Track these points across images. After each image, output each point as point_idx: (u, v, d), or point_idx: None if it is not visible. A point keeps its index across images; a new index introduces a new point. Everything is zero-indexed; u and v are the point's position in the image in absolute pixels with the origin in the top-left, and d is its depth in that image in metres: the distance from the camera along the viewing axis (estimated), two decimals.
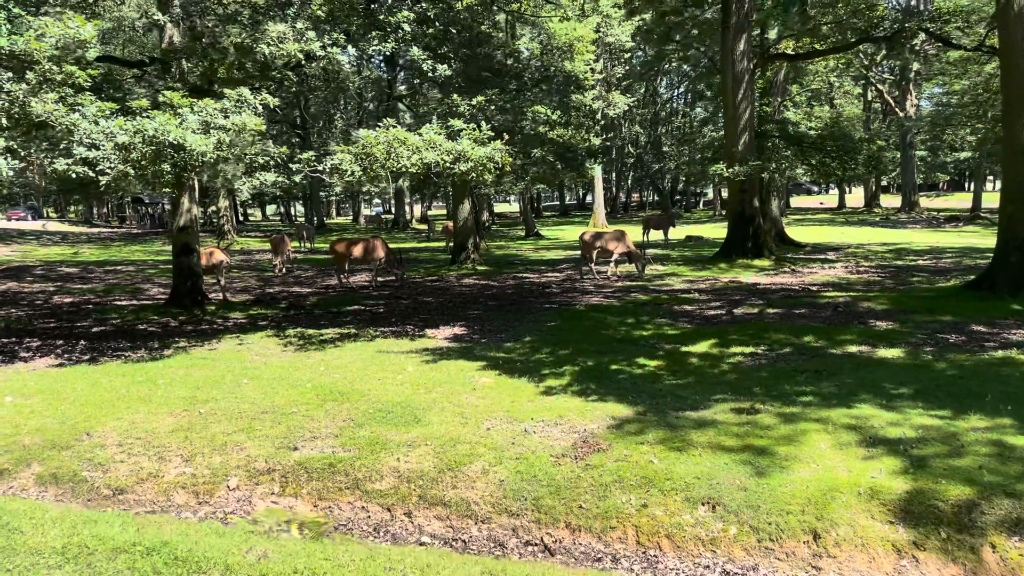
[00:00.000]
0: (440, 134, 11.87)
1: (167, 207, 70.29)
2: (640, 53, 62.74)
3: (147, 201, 63.79)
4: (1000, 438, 6.70)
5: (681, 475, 6.50)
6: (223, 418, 8.47)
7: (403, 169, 11.43)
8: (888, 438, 6.84)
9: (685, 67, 58.98)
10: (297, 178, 11.99)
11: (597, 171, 44.66)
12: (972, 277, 17.08)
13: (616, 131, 55.33)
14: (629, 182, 76.92)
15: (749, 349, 10.88)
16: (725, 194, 69.46)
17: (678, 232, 34.10)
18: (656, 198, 79.21)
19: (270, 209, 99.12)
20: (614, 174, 70.20)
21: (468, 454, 7.27)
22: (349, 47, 11.90)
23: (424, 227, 51.46)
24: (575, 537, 6.26)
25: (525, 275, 22.10)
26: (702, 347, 11.20)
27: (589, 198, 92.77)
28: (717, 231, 38.89)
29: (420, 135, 11.67)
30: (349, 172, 11.78)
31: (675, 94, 70.74)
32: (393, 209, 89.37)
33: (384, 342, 12.47)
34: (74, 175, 10.59)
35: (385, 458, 7.36)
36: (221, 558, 4.37)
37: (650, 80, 61.55)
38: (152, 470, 7.56)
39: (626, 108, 41.65)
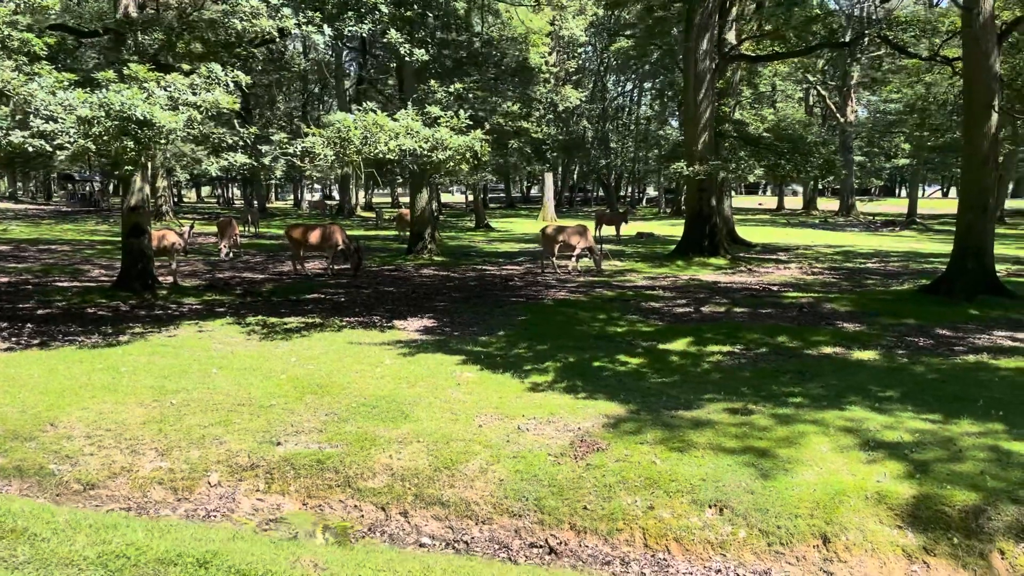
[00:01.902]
0: (416, 120, 11.57)
1: (97, 185, 67.94)
2: (590, 48, 63.15)
3: (77, 178, 61.48)
4: (995, 443, 6.76)
5: (686, 477, 6.40)
6: (197, 410, 8.08)
7: (380, 155, 11.09)
8: (886, 442, 6.85)
9: (634, 63, 59.27)
10: (267, 160, 11.54)
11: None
12: (924, 281, 17.51)
13: (564, 125, 55.36)
14: (575, 177, 77.18)
15: (727, 348, 10.89)
16: (670, 192, 70.51)
17: (629, 228, 34.23)
18: (601, 194, 79.76)
19: (204, 191, 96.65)
20: (560, 169, 70.33)
21: (463, 452, 7.05)
22: (325, 27, 11.46)
23: (371, 215, 50.72)
24: (581, 539, 6.11)
25: (484, 267, 21.87)
26: (679, 345, 11.17)
27: (534, 191, 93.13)
28: (666, 228, 39.24)
29: (396, 120, 11.34)
30: (321, 156, 11.40)
31: (623, 91, 71.10)
32: (336, 195, 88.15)
33: (353, 333, 12.12)
34: (30, 148, 9.98)
35: (376, 455, 7.09)
36: (283, 571, 4.07)
37: (599, 76, 61.84)
38: (125, 464, 7.15)
39: (578, 103, 41.69)
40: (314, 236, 19.38)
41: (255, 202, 67.85)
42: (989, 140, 14.58)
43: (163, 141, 10.50)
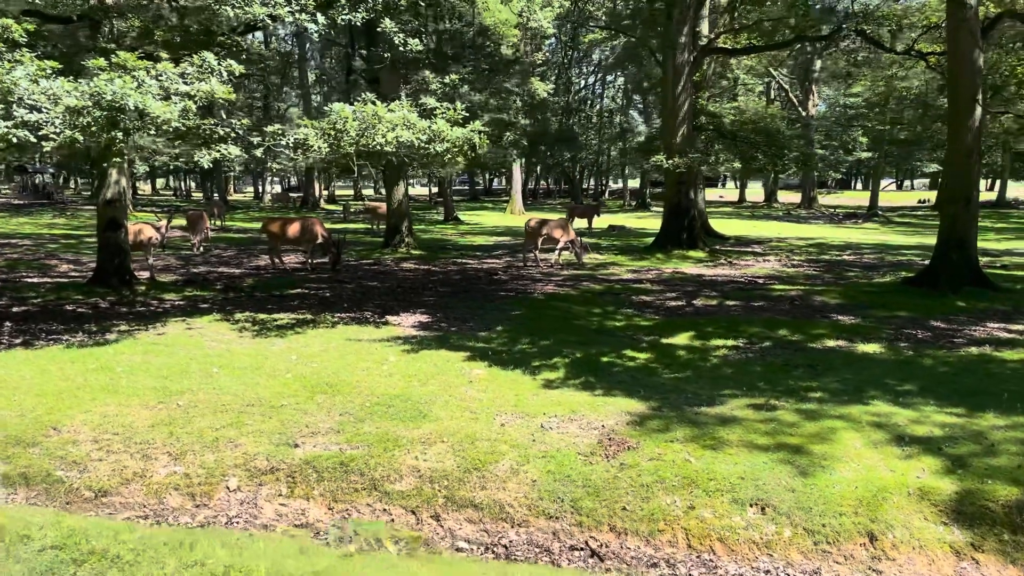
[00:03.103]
0: (412, 112, 11.32)
1: (48, 178, 66.04)
2: (553, 40, 62.90)
3: (29, 169, 59.69)
4: None
5: (724, 475, 6.31)
6: (207, 411, 7.79)
7: (377, 148, 10.83)
8: (917, 436, 6.84)
9: (602, 57, 59.38)
10: (258, 152, 11.20)
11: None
12: (905, 274, 17.70)
13: (530, 118, 55.10)
14: (539, 170, 77.02)
15: (730, 342, 10.84)
16: (634, 185, 70.80)
17: (601, 221, 34.20)
18: (565, 186, 79.74)
19: (159, 183, 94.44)
20: (524, 161, 70.08)
21: (490, 452, 6.88)
22: (318, 15, 11.13)
23: (336, 207, 50.00)
24: (622, 541, 5.98)
25: (464, 261, 21.63)
26: (682, 339, 11.10)
27: (496, 184, 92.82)
28: (636, 221, 39.39)
29: (392, 112, 11.08)
30: (315, 148, 11.09)
31: (586, 83, 71.08)
32: (294, 186, 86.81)
33: (348, 329, 11.84)
34: (15, 140, 9.52)
35: (401, 456, 6.88)
36: None
37: (563, 69, 61.70)
38: (137, 469, 6.85)
39: (545, 95, 41.48)
40: (293, 229, 18.99)
41: (215, 195, 66.70)
42: (973, 133, 14.76)
43: (152, 132, 10.13)
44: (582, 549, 5.96)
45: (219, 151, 10.68)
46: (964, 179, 14.99)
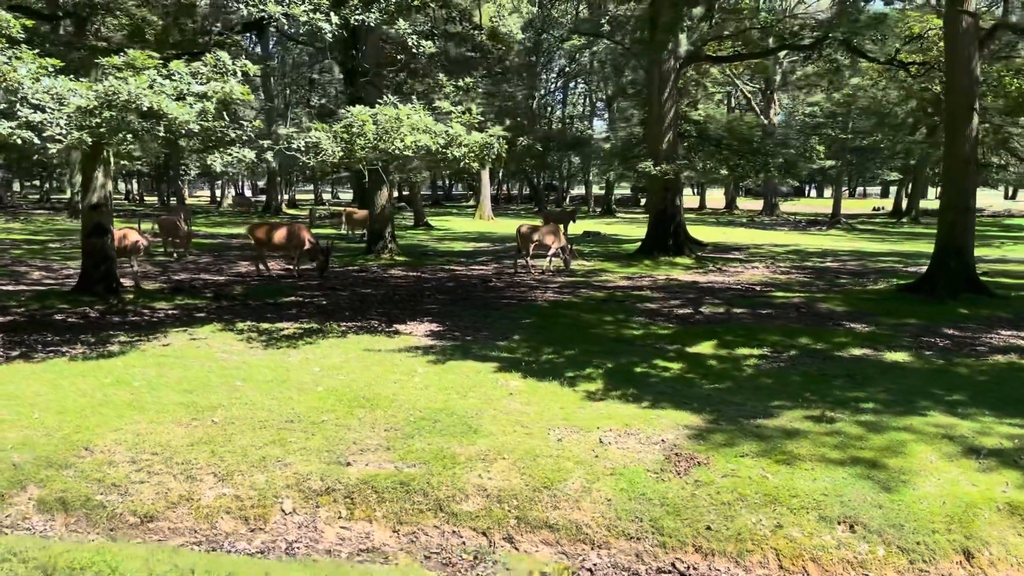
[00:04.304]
0: (428, 115, 11.01)
1: None
2: (519, 47, 62.78)
3: None
4: None
5: (806, 492, 6.13)
6: (244, 428, 7.38)
7: (396, 151, 10.49)
8: (990, 448, 6.75)
9: (568, 65, 59.45)
10: (269, 155, 10.78)
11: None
12: (895, 280, 17.89)
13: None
14: (500, 175, 76.84)
15: (756, 351, 10.73)
16: (598, 191, 70.94)
17: (575, 227, 34.05)
18: (527, 191, 79.71)
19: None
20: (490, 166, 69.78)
21: (555, 469, 6.61)
22: (332, 14, 10.76)
23: (298, 212, 49.16)
24: (709, 562, 5.75)
25: (451, 267, 21.30)
26: (706, 348, 10.96)
27: (456, 189, 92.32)
28: (606, 227, 39.33)
29: (412, 115, 10.76)
30: (329, 152, 10.72)
31: (551, 90, 71.10)
32: (247, 191, 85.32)
33: (359, 339, 11.46)
34: (19, 141, 8.99)
35: (463, 474, 6.58)
36: None
37: (531, 75, 61.60)
38: (183, 492, 6.43)
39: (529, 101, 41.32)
40: (279, 235, 18.48)
41: (170, 199, 65.14)
42: (970, 142, 14.93)
43: (162, 133, 9.67)
44: (669, 572, 5.72)
45: (230, 154, 10.24)
46: (962, 187, 15.15)
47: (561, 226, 22.89)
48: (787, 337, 11.57)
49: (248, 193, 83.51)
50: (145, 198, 76.15)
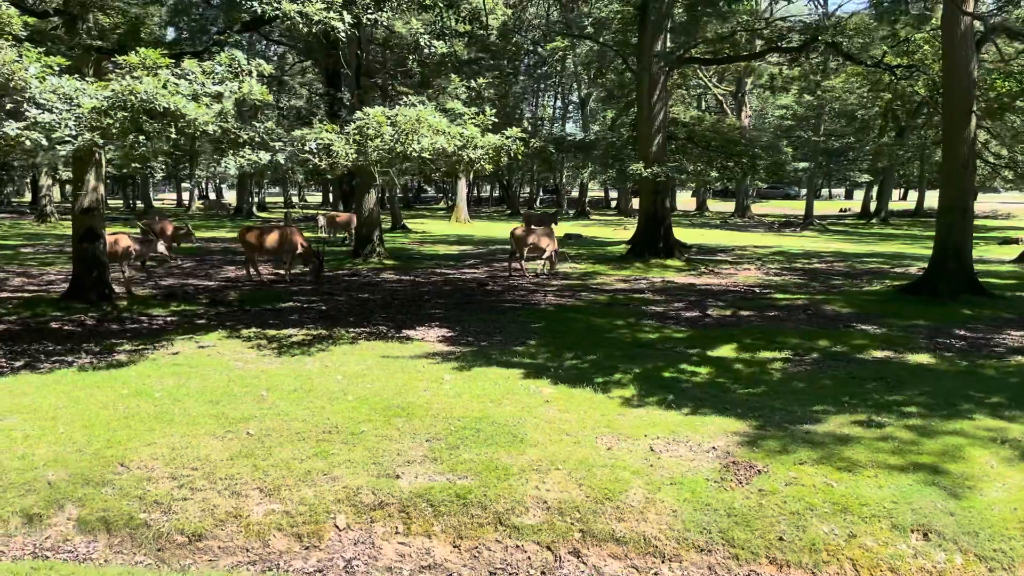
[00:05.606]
0: (441, 117, 10.80)
1: None
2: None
3: None
4: None
5: (875, 500, 6.03)
6: (283, 440, 7.12)
7: (412, 154, 10.27)
8: None
9: (543, 67, 59.16)
10: (280, 158, 10.48)
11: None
12: (889, 282, 18.04)
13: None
14: (471, 177, 76.45)
15: (780, 355, 10.66)
16: (575, 193, 70.93)
17: (555, 230, 33.90)
18: (499, 194, 79.43)
19: (68, 189, 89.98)
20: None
21: (613, 479, 6.44)
22: (344, 13, 10.51)
23: (270, 216, 48.40)
24: (785, 574, 5.63)
25: (442, 271, 21.05)
26: (728, 352, 10.87)
27: (426, 192, 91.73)
28: (584, 229, 39.27)
29: (432, 116, 10.54)
30: (343, 154, 10.46)
31: (523, 91, 70.87)
32: (212, 194, 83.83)
33: (373, 345, 11.22)
34: (28, 142, 8.62)
35: (519, 486, 6.38)
36: None
37: (505, 77, 61.38)
38: (229, 508, 6.16)
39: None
40: (271, 239, 18.10)
41: (135, 202, 63.91)
42: (968, 145, 15.07)
43: (174, 135, 9.35)
44: None
45: (244, 156, 9.93)
46: (960, 189, 15.30)
47: (554, 228, 22.78)
48: (805, 340, 11.54)
49: (212, 196, 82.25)
50: (109, 202, 74.69)
